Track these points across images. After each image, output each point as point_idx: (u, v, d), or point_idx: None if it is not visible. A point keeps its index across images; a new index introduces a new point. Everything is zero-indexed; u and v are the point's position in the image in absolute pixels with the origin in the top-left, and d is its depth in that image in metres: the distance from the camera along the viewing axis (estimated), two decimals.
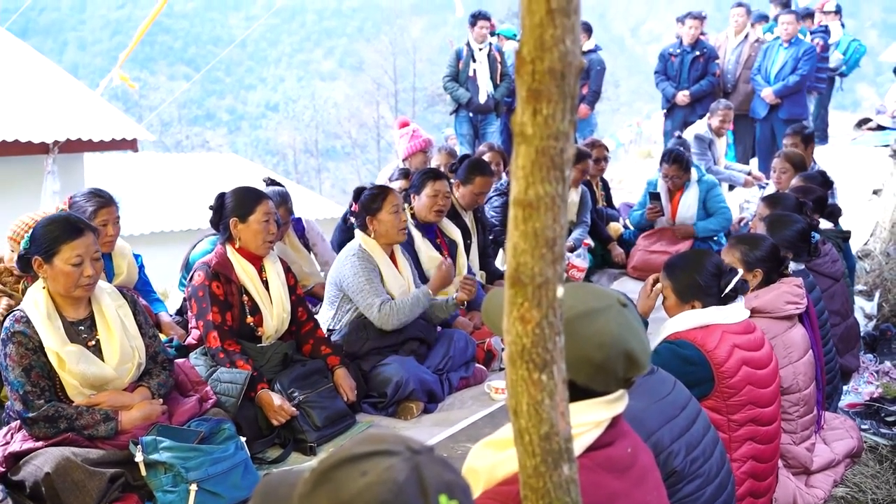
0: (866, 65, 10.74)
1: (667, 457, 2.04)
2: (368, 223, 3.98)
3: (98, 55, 53.30)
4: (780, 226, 3.59)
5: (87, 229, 2.89)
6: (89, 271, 2.84)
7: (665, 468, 2.02)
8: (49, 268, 2.81)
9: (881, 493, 3.25)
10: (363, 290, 3.85)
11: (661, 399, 2.12)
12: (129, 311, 3.05)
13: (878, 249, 6.35)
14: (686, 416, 2.15)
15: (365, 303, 3.85)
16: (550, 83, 1.05)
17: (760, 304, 3.01)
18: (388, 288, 3.97)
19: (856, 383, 4.32)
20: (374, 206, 3.98)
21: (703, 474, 2.12)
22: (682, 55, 8.56)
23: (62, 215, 3.02)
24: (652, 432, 2.02)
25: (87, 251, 2.84)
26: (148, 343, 3.08)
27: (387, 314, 3.83)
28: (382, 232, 3.98)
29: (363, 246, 3.97)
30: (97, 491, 2.64)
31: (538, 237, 1.10)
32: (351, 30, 61.12)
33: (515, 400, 1.18)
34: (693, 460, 2.10)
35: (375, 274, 3.92)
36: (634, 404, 2.01)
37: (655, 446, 2.02)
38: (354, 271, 3.88)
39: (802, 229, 3.57)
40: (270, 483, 1.17)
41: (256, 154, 47.58)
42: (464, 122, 8.38)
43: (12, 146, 8.65)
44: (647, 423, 2.03)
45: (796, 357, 2.99)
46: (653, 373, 2.19)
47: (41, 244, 2.81)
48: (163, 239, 13.31)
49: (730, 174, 7.62)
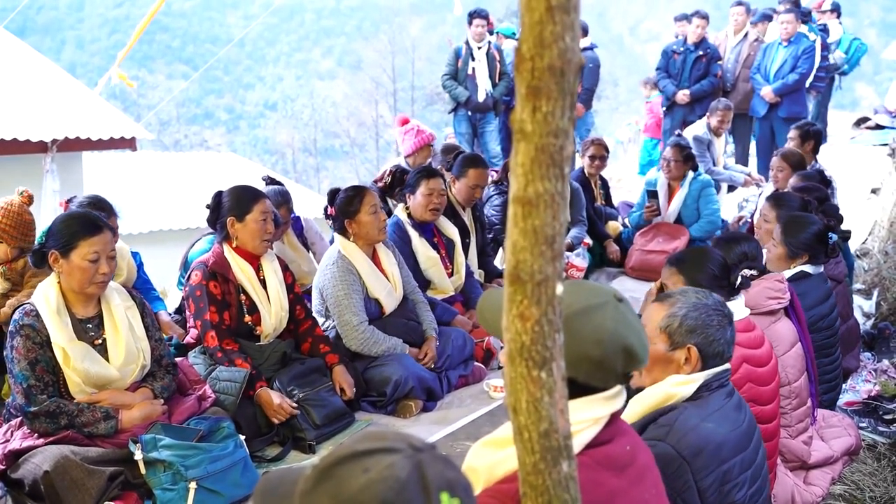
0: (865, 64, 10.74)
1: (732, 488, 2.02)
2: (347, 226, 3.92)
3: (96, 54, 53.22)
4: (796, 228, 3.56)
5: (105, 227, 2.91)
6: (105, 268, 2.86)
7: (726, 499, 2.00)
8: (65, 262, 2.83)
9: (879, 491, 3.26)
10: (341, 304, 3.81)
11: (737, 428, 2.09)
12: (137, 312, 3.06)
13: (877, 248, 6.36)
14: (753, 449, 2.13)
15: (342, 318, 3.81)
16: (550, 80, 1.05)
17: (745, 302, 3.01)
18: (372, 291, 3.92)
19: (854, 381, 4.32)
20: (351, 209, 3.91)
21: None
22: (685, 53, 8.56)
23: (80, 212, 3.05)
24: (725, 461, 2.01)
25: (104, 248, 2.86)
26: (154, 346, 3.09)
27: (363, 338, 3.78)
28: (363, 234, 3.93)
29: (342, 251, 3.91)
30: (96, 489, 2.64)
31: (537, 234, 1.10)
32: (349, 29, 61.05)
33: (515, 397, 1.18)
34: (752, 495, 2.08)
35: (356, 283, 3.86)
36: (717, 429, 1.99)
37: (724, 475, 2.00)
38: (334, 282, 3.84)
39: (819, 231, 3.53)
40: (271, 480, 1.17)
41: (255, 153, 47.52)
42: (462, 121, 8.37)
43: (11, 145, 8.64)
44: (724, 451, 2.01)
45: (782, 350, 2.99)
46: (732, 395, 2.16)
47: (59, 238, 2.83)
48: (161, 238, 13.31)
49: (730, 174, 7.62)
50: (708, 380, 2.10)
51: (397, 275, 4.08)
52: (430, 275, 4.53)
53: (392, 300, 4.01)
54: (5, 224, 3.43)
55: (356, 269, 3.90)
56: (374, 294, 3.94)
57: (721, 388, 2.12)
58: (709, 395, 2.09)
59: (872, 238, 6.63)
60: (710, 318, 2.12)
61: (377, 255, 4.06)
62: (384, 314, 3.99)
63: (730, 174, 7.62)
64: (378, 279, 3.96)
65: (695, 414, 2.02)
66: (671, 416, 2.02)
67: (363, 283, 3.91)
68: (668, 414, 2.03)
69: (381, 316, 3.98)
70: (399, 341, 3.89)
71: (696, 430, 1.98)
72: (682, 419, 2.00)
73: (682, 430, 1.98)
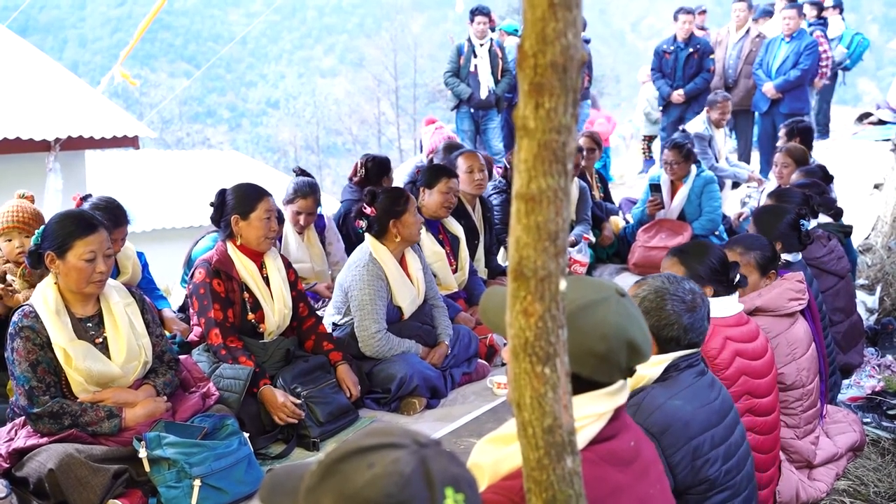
0: (868, 59, 10.71)
1: (703, 464, 2.04)
2: (392, 226, 3.89)
3: (98, 53, 53.22)
4: (768, 218, 3.59)
5: (101, 226, 2.90)
6: (101, 267, 2.85)
7: (699, 475, 2.03)
8: (62, 263, 2.82)
9: (883, 486, 3.26)
10: (364, 309, 3.79)
11: (707, 405, 2.12)
12: (137, 309, 3.06)
13: (880, 244, 6.35)
14: (726, 426, 2.15)
15: (362, 322, 3.79)
16: (552, 77, 1.05)
17: (763, 303, 3.00)
18: (398, 297, 3.91)
19: (858, 377, 4.32)
20: (398, 209, 3.89)
21: (733, 486, 2.12)
22: (675, 52, 8.54)
23: (76, 211, 3.04)
24: (693, 437, 2.03)
25: (100, 248, 2.85)
26: (155, 342, 3.09)
27: (379, 344, 3.77)
28: (405, 234, 3.91)
29: (373, 254, 3.88)
30: (101, 487, 2.65)
31: (541, 231, 1.10)
32: (351, 26, 61.01)
33: (519, 393, 1.18)
34: (727, 471, 2.10)
35: (382, 290, 3.84)
36: (684, 406, 2.02)
37: (694, 451, 2.02)
38: (360, 285, 3.81)
39: (791, 219, 3.55)
40: (278, 476, 1.17)
41: (257, 151, 47.54)
42: (465, 118, 8.37)
43: (14, 144, 8.65)
44: (692, 427, 2.04)
45: (800, 353, 2.99)
46: (703, 374, 2.19)
47: (54, 239, 2.82)
48: (164, 236, 13.34)
49: (734, 171, 7.61)
50: (675, 361, 2.14)
51: (422, 280, 4.08)
52: (435, 270, 4.54)
53: (413, 307, 4.01)
54: (26, 217, 3.47)
55: (385, 276, 3.87)
56: (398, 301, 3.92)
57: (690, 368, 2.16)
58: (677, 375, 2.13)
59: (875, 233, 6.62)
60: (665, 303, 2.16)
61: (405, 260, 4.03)
62: (402, 318, 3.99)
63: (734, 171, 7.61)
64: (405, 286, 3.94)
65: (662, 393, 2.07)
66: (639, 396, 2.07)
67: (390, 289, 3.89)
68: (636, 395, 2.07)
69: (399, 320, 3.97)
70: (413, 343, 3.89)
71: (662, 408, 2.03)
72: (649, 398, 2.05)
73: (648, 408, 2.03)
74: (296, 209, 4.56)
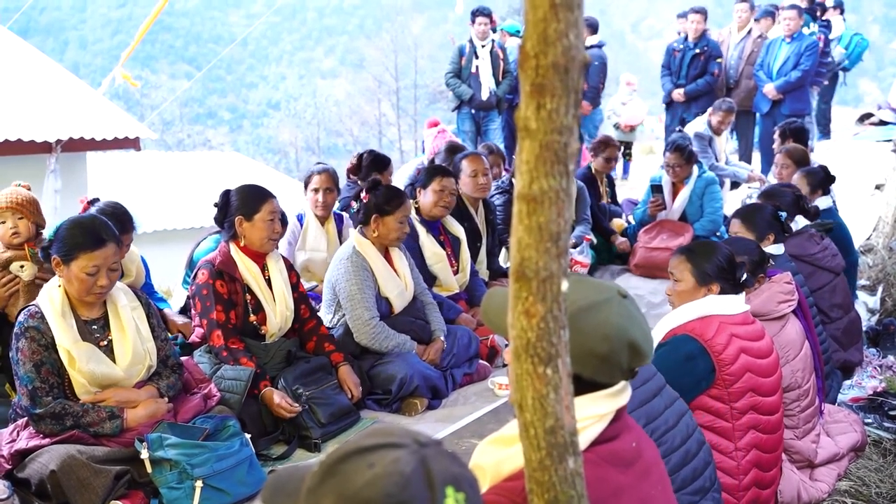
0: (868, 60, 10.70)
1: None
2: (372, 221, 3.94)
3: (99, 54, 53.26)
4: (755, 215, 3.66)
5: (110, 240, 2.88)
6: (103, 281, 2.85)
7: None
8: (66, 269, 2.83)
9: (885, 487, 3.26)
10: (353, 299, 3.82)
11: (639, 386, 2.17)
12: (142, 313, 3.06)
13: (881, 244, 6.35)
14: (645, 390, 2.20)
15: (354, 312, 3.82)
16: (554, 78, 1.05)
17: (754, 309, 3.00)
18: (384, 289, 3.93)
19: (859, 378, 4.32)
20: (386, 208, 3.92)
21: (665, 442, 2.19)
22: (684, 51, 8.56)
23: (88, 220, 2.97)
24: None
25: (105, 262, 2.84)
26: (159, 346, 3.09)
27: (374, 333, 3.79)
28: (382, 234, 3.94)
29: (357, 247, 3.92)
30: (102, 488, 2.65)
31: (542, 231, 1.10)
32: (352, 27, 61.06)
33: (520, 394, 1.18)
34: (653, 430, 2.15)
35: (369, 279, 3.88)
36: None
37: None
38: (347, 277, 3.85)
39: (771, 212, 3.64)
40: (280, 477, 1.18)
41: (258, 152, 47.55)
42: (466, 119, 8.36)
43: (15, 145, 8.66)
44: None
45: (793, 355, 3.00)
46: None
47: (61, 247, 2.83)
48: (166, 237, 13.34)
49: (734, 171, 7.61)
50: None
51: (409, 275, 4.09)
52: (436, 271, 4.55)
53: (402, 300, 4.02)
54: (20, 199, 3.47)
55: (370, 267, 3.91)
56: (386, 293, 3.94)
57: None
58: None
59: (877, 234, 6.62)
60: None
61: (389, 255, 4.06)
62: (393, 313, 4.00)
63: (733, 170, 7.61)
64: (391, 278, 3.97)
65: None
66: None
67: (376, 280, 3.92)
68: None
69: (390, 314, 3.98)
70: (407, 338, 3.90)
71: None
72: None
73: None
74: (314, 187, 4.62)
